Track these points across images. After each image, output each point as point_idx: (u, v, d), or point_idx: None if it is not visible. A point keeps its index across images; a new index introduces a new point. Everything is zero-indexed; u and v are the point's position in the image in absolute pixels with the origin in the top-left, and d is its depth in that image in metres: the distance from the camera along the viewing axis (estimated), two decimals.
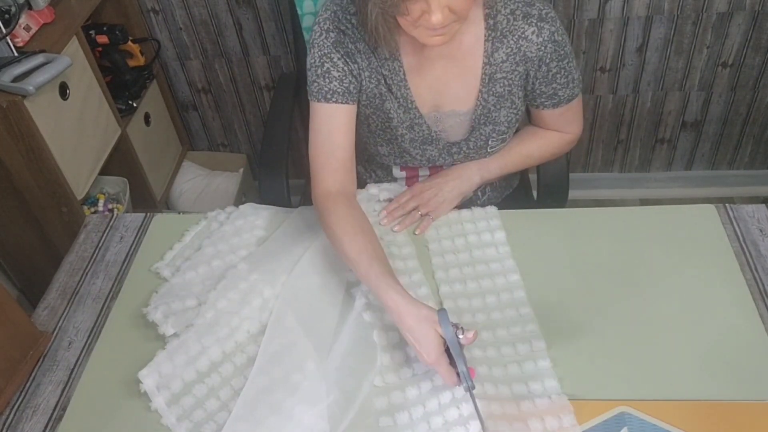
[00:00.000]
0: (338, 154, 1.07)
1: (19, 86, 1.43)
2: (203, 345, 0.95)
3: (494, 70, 1.08)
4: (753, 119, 2.08)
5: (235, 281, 1.03)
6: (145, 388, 0.91)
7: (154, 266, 1.12)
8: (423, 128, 1.13)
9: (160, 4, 1.96)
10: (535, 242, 1.08)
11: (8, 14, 1.50)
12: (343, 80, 1.06)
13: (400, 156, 1.19)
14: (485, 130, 1.13)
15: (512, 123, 1.14)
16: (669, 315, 0.95)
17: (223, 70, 2.11)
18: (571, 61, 1.09)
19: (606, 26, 1.89)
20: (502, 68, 1.07)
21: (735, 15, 1.84)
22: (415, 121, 1.13)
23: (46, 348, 1.01)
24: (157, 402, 0.90)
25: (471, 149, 1.16)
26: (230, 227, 1.15)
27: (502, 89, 1.09)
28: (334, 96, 1.06)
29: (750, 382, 0.86)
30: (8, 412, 0.93)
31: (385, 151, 1.19)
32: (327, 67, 1.05)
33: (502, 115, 1.12)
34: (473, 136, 1.14)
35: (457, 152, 1.17)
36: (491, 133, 1.13)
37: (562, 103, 1.13)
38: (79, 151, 1.67)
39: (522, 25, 1.04)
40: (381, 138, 1.17)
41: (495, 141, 1.15)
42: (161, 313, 1.00)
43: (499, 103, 1.10)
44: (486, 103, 1.10)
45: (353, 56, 1.06)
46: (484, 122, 1.12)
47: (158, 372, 0.92)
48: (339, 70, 1.05)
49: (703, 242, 1.05)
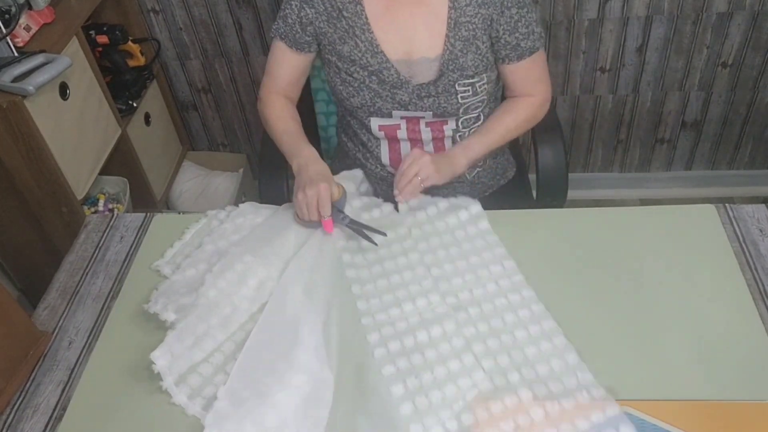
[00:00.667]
0: (278, 80, 1.28)
1: (19, 86, 1.43)
2: (209, 324, 0.97)
3: (459, 14, 1.14)
4: (753, 119, 2.09)
5: (231, 262, 1.05)
6: (157, 368, 0.91)
7: (154, 264, 1.12)
8: (391, 72, 1.19)
9: (160, 4, 1.96)
10: (535, 242, 1.08)
11: (8, 14, 1.50)
12: (293, 26, 1.20)
13: (372, 104, 1.23)
14: (453, 75, 1.18)
15: (479, 69, 1.19)
16: (669, 315, 0.95)
17: (223, 70, 2.11)
18: (531, 13, 1.16)
19: (606, 26, 1.90)
20: (466, 12, 1.14)
21: (735, 15, 1.84)
22: (383, 65, 1.18)
23: (46, 348, 1.01)
24: (168, 382, 0.91)
25: (440, 93, 1.20)
26: (230, 225, 1.16)
27: (467, 33, 1.15)
28: (283, 38, 1.22)
29: (750, 382, 0.86)
30: (8, 412, 0.93)
31: (357, 102, 1.24)
32: (286, 12, 1.20)
33: (468, 60, 1.17)
34: (441, 82, 1.19)
35: (427, 96, 1.20)
36: (458, 78, 1.18)
37: (525, 54, 1.19)
38: (79, 151, 1.67)
39: None
40: (352, 87, 1.23)
41: (463, 87, 1.19)
42: (161, 305, 1.01)
43: (465, 47, 1.16)
44: (453, 48, 1.16)
45: (310, 1, 1.17)
46: (452, 68, 1.17)
47: (170, 352, 0.93)
48: (293, 14, 1.19)
49: (703, 242, 1.05)
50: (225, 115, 2.24)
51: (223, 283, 1.02)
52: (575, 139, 2.19)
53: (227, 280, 1.02)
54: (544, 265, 1.04)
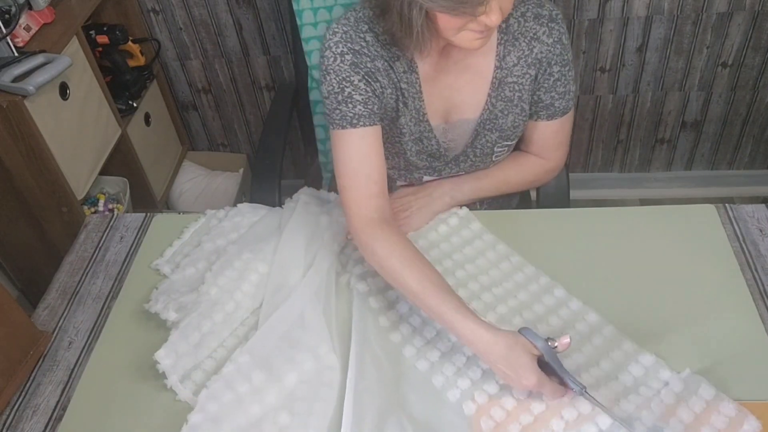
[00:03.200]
0: (374, 177, 1.00)
1: (19, 86, 1.43)
2: (213, 321, 0.97)
3: (505, 74, 1.06)
4: (753, 119, 2.08)
5: (230, 260, 1.06)
6: (162, 368, 0.91)
7: (153, 263, 1.12)
8: (432, 142, 1.12)
9: (160, 4, 1.96)
10: (535, 242, 1.08)
11: (8, 14, 1.49)
12: (367, 103, 1.00)
13: (406, 169, 1.18)
14: (491, 137, 1.11)
15: (518, 130, 1.12)
16: (669, 315, 0.95)
17: (223, 70, 2.11)
18: (571, 70, 1.08)
19: (606, 26, 1.90)
20: (513, 72, 1.06)
21: (735, 15, 1.84)
22: (425, 134, 1.11)
23: (46, 348, 1.01)
24: (173, 380, 0.91)
25: (477, 156, 1.14)
26: (228, 223, 1.16)
27: (511, 93, 1.07)
28: (360, 120, 1.00)
29: (750, 382, 0.86)
30: (8, 412, 0.93)
31: (390, 165, 1.17)
32: (348, 92, 1.00)
33: (509, 121, 1.09)
34: (479, 143, 1.12)
35: (464, 161, 1.16)
36: (497, 139, 1.11)
37: (556, 115, 1.10)
38: (79, 151, 1.67)
39: (533, 26, 1.03)
40: (389, 151, 1.14)
41: (500, 148, 1.14)
42: (161, 304, 1.01)
43: (507, 108, 1.08)
44: (493, 108, 1.08)
45: (374, 75, 1.01)
46: (489, 128, 1.10)
47: (175, 351, 0.93)
48: (361, 92, 1.00)
49: (703, 242, 1.05)
50: (225, 115, 2.24)
51: (223, 281, 1.02)
52: (575, 139, 2.19)
53: (227, 278, 1.03)
54: (544, 265, 1.04)
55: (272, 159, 1.40)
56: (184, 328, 0.95)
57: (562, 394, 0.84)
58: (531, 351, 0.83)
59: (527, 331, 0.84)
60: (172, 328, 0.97)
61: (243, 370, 0.91)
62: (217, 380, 0.91)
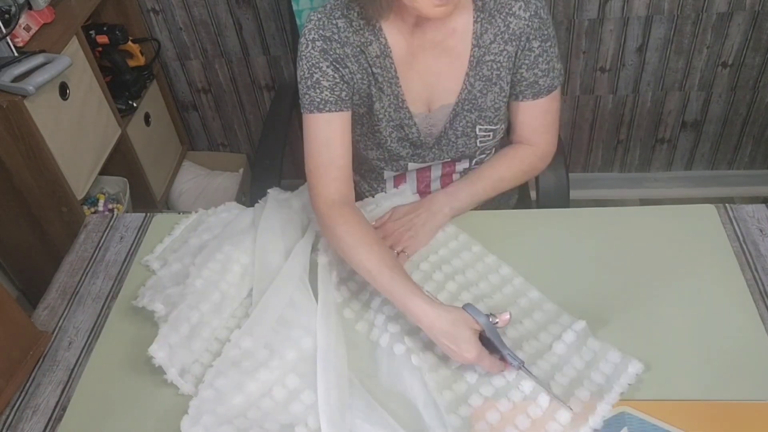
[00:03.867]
0: (337, 162, 1.04)
1: (19, 86, 1.44)
2: (201, 311, 0.98)
3: (483, 52, 1.06)
4: (753, 119, 2.08)
5: (212, 253, 1.07)
6: (158, 362, 0.91)
7: (144, 259, 1.13)
8: (412, 129, 1.12)
9: (160, 4, 1.96)
10: (535, 242, 1.08)
11: (8, 14, 1.50)
12: (334, 89, 1.03)
13: (390, 158, 1.18)
14: (470, 116, 1.11)
15: (500, 111, 1.11)
16: (669, 315, 0.95)
17: (223, 70, 2.11)
18: (554, 47, 1.07)
19: (606, 26, 1.90)
20: (491, 50, 1.06)
21: (735, 15, 1.84)
22: (405, 122, 1.11)
23: (46, 348, 1.01)
24: (171, 373, 0.91)
25: (459, 138, 1.14)
26: (215, 219, 1.18)
27: (489, 72, 1.07)
28: (327, 105, 1.03)
29: (750, 382, 0.86)
30: (8, 412, 0.93)
31: (374, 156, 1.18)
32: (317, 78, 1.03)
33: (488, 101, 1.09)
34: (459, 124, 1.12)
35: (446, 144, 1.15)
36: (477, 119, 1.11)
37: (542, 93, 1.09)
38: (79, 151, 1.67)
39: (509, 1, 1.03)
40: (371, 141, 1.16)
41: (484, 131, 1.13)
42: (148, 298, 1.02)
43: (486, 87, 1.08)
44: (472, 87, 1.08)
45: (343, 61, 1.04)
46: (468, 108, 1.10)
47: (168, 344, 0.93)
48: (329, 78, 1.03)
49: (703, 242, 1.05)
50: (225, 115, 2.24)
51: (207, 273, 1.04)
52: (575, 139, 2.19)
53: (211, 270, 1.04)
54: (544, 265, 1.04)
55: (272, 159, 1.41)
56: (174, 320, 0.96)
57: (501, 369, 0.88)
58: (473, 326, 0.87)
59: (470, 307, 0.89)
60: (160, 321, 0.98)
61: (246, 350, 0.93)
62: (223, 362, 0.92)
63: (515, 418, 0.84)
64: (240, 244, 1.08)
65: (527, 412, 0.85)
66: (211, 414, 0.85)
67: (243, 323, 0.98)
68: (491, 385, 0.88)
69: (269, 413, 0.87)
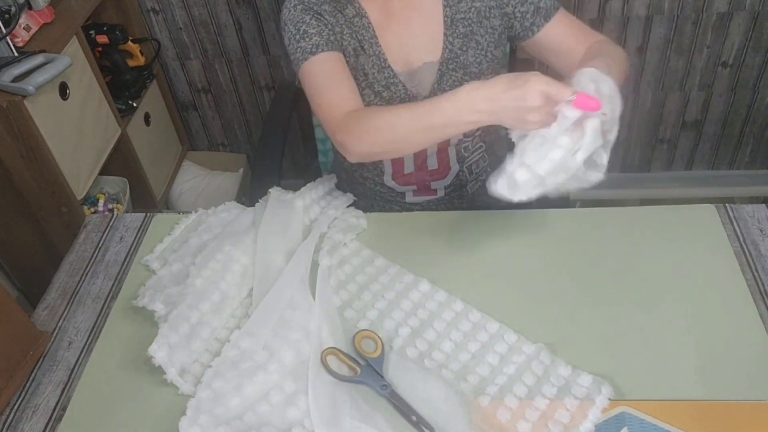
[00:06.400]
0: (344, 92, 1.04)
1: (19, 86, 1.44)
2: (201, 311, 0.98)
3: (454, 11, 1.11)
4: (753, 119, 2.09)
5: (212, 252, 1.07)
6: (158, 362, 0.91)
7: (144, 259, 1.12)
8: (399, 87, 1.13)
9: (160, 4, 1.96)
10: (535, 242, 1.08)
11: (8, 14, 1.50)
12: (321, 33, 1.07)
13: None
14: (456, 75, 1.13)
15: (482, 65, 1.14)
16: (669, 315, 0.95)
17: (223, 70, 2.11)
18: None
19: (606, 26, 1.90)
20: (460, 8, 1.11)
21: (735, 15, 1.84)
22: (391, 81, 1.13)
23: (46, 348, 1.01)
24: (171, 373, 0.91)
25: None
26: (215, 219, 1.18)
27: (464, 29, 1.11)
28: (319, 47, 1.06)
29: (750, 382, 0.86)
30: (8, 412, 0.93)
31: None
32: (303, 29, 1.07)
33: (469, 56, 1.12)
34: (446, 84, 1.13)
35: None
36: (463, 77, 1.13)
37: (551, 12, 1.08)
38: (79, 151, 1.67)
39: None
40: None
41: None
42: (148, 298, 1.02)
43: (465, 44, 1.12)
44: (452, 46, 1.12)
45: (322, 16, 1.09)
46: (453, 67, 1.13)
47: (167, 344, 0.93)
48: (314, 26, 1.07)
49: (703, 242, 1.05)
50: (225, 115, 2.24)
51: (207, 272, 1.03)
52: None
53: (211, 269, 1.04)
54: (544, 264, 1.04)
55: (272, 159, 1.41)
56: (173, 320, 0.96)
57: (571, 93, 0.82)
58: None
59: None
60: (160, 321, 0.98)
61: (245, 351, 0.93)
62: (222, 362, 0.92)
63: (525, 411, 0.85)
64: (240, 244, 1.08)
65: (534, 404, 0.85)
66: (209, 414, 0.85)
67: (243, 323, 0.98)
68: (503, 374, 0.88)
69: (266, 417, 0.87)
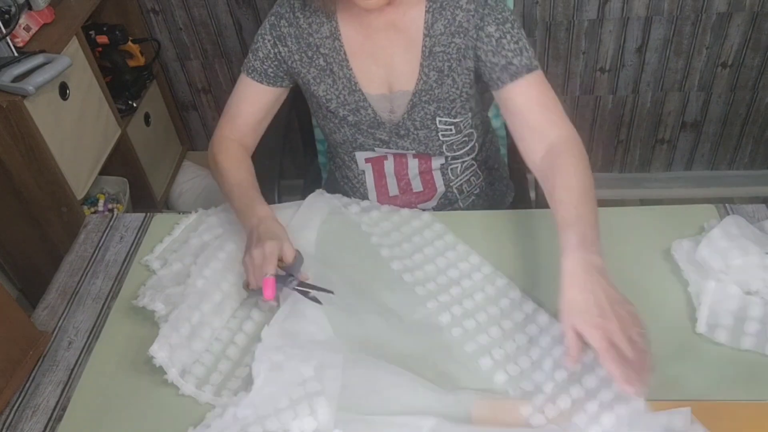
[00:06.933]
0: (239, 120, 1.16)
1: (19, 86, 1.44)
2: (202, 312, 0.98)
3: (433, 42, 1.06)
4: (753, 119, 2.09)
5: (214, 252, 1.07)
6: (159, 362, 0.91)
7: (144, 259, 1.12)
8: (368, 111, 1.13)
9: (160, 4, 1.96)
10: (534, 242, 1.08)
11: (8, 14, 1.50)
12: (264, 61, 1.12)
13: (354, 140, 1.19)
14: (429, 108, 1.11)
15: (457, 102, 1.11)
16: (669, 315, 0.95)
17: (223, 70, 2.11)
18: (516, 29, 1.02)
19: (606, 27, 1.90)
20: (441, 41, 1.06)
21: (734, 15, 1.84)
22: (360, 104, 1.12)
23: (46, 348, 1.01)
24: (172, 374, 0.91)
25: (419, 129, 1.14)
26: (215, 219, 1.17)
27: (441, 63, 1.08)
28: (252, 73, 1.13)
29: (750, 382, 0.86)
30: (8, 412, 0.93)
31: (339, 138, 1.19)
32: (258, 46, 1.13)
33: (444, 92, 1.10)
34: (417, 115, 1.12)
35: (406, 134, 1.15)
36: (436, 111, 1.11)
37: (521, 72, 1.01)
38: (79, 151, 1.67)
39: None
40: (332, 123, 1.18)
41: (444, 125, 1.13)
42: (148, 298, 1.02)
43: (440, 78, 1.09)
44: (427, 78, 1.09)
45: (284, 40, 1.11)
46: (426, 99, 1.10)
47: (168, 344, 0.93)
48: (265, 51, 1.12)
49: None
50: None
51: (209, 272, 1.03)
52: None
53: (213, 269, 1.04)
54: (543, 264, 1.04)
55: (272, 159, 1.40)
56: (174, 320, 0.96)
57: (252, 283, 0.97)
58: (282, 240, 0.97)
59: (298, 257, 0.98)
60: (160, 321, 0.98)
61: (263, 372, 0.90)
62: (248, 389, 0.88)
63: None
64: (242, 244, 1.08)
65: None
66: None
67: (244, 324, 0.98)
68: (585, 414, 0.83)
69: None
